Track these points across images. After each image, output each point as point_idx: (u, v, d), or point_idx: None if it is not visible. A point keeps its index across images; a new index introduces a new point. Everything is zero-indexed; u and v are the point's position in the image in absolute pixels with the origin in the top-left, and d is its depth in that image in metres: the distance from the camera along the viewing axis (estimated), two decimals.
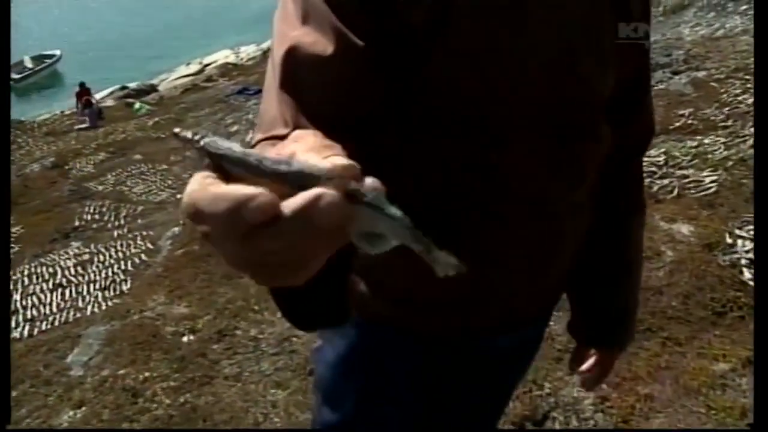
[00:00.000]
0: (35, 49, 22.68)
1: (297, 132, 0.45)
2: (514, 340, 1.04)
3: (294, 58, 0.69)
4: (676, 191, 3.62)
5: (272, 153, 0.39)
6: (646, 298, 2.65)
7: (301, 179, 0.35)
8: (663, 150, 4.14)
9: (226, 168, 0.36)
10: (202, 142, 0.37)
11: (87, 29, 27.84)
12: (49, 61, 21.55)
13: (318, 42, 0.68)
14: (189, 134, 0.38)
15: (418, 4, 0.72)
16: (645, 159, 1.12)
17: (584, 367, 1.20)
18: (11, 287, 4.89)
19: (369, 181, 0.37)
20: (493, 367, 1.07)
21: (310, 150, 0.39)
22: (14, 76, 20.41)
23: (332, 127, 0.65)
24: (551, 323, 1.18)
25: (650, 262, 2.87)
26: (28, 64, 21.22)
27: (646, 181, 3.71)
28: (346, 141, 0.66)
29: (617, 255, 1.11)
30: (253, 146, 0.67)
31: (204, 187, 0.35)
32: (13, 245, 6.03)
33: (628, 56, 0.88)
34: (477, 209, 0.86)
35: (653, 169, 3.89)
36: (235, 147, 0.36)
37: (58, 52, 21.97)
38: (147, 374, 3.06)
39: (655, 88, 5.23)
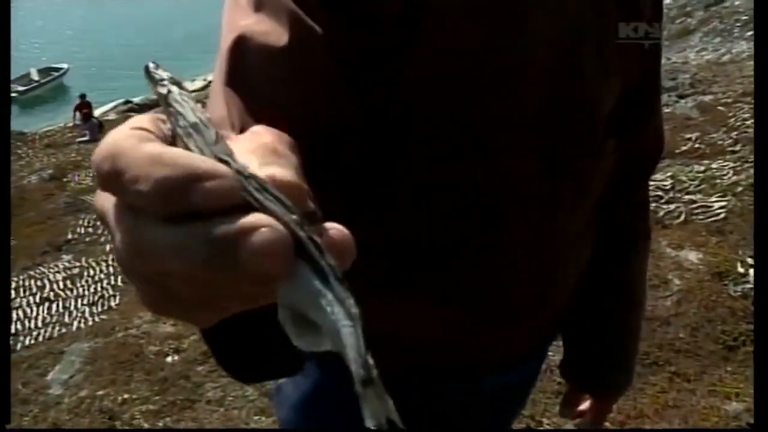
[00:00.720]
0: (44, 62, 22.85)
1: (257, 127, 0.33)
2: (504, 381, 0.92)
3: (242, 50, 0.57)
4: (683, 216, 3.50)
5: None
6: (652, 329, 2.52)
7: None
8: (669, 174, 4.02)
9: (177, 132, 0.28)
10: (165, 90, 0.29)
11: (94, 45, 28.09)
12: (55, 74, 21.63)
13: (272, 31, 0.57)
14: (163, 74, 0.31)
15: None
16: (651, 183, 1.00)
17: (578, 411, 1.07)
18: None
19: (335, 232, 0.26)
20: (479, 411, 0.94)
21: (252, 152, 0.29)
22: (19, 88, 20.52)
23: (283, 128, 0.58)
24: (550, 354, 1.05)
25: (656, 291, 2.74)
26: (35, 76, 21.30)
27: (652, 205, 3.60)
28: (305, 152, 0.53)
29: (617, 288, 0.98)
30: None
31: (138, 141, 0.26)
32: None
33: (633, 60, 0.77)
34: (460, 237, 0.74)
35: (659, 193, 3.77)
36: (198, 113, 0.28)
37: (65, 66, 22.07)
38: (126, 396, 2.92)
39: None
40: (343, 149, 0.61)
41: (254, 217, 0.24)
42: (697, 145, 4.49)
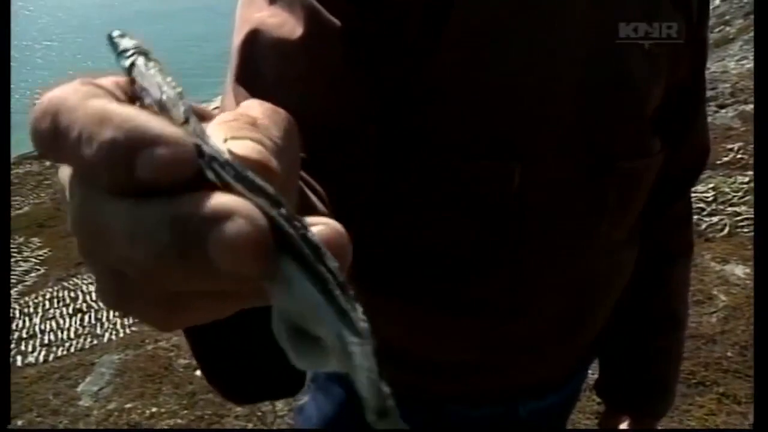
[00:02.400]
0: None
1: (251, 101, 0.27)
2: (540, 407, 0.85)
3: (254, 44, 0.54)
4: (727, 229, 3.37)
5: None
6: (697, 347, 2.40)
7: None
8: (711, 186, 3.89)
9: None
10: (128, 62, 0.25)
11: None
12: None
13: (285, 24, 0.53)
14: (128, 44, 0.26)
15: None
16: (692, 195, 0.93)
17: None
18: (32, 310, 4.83)
19: (326, 228, 0.21)
20: None
21: (224, 124, 0.23)
22: None
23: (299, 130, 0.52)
24: (590, 372, 0.98)
25: (701, 307, 2.62)
26: None
27: (695, 218, 3.48)
28: (319, 153, 0.46)
29: (657, 305, 0.91)
30: None
31: (85, 96, 0.21)
32: (38, 267, 6.01)
33: (680, 57, 0.71)
34: (491, 251, 0.68)
35: (701, 205, 3.64)
36: (165, 87, 0.23)
37: None
38: (154, 409, 2.89)
39: None
40: (356, 146, 0.56)
41: (230, 200, 0.19)
42: (739, 156, 4.35)
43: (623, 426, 0.99)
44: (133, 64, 0.24)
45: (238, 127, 0.23)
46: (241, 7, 0.58)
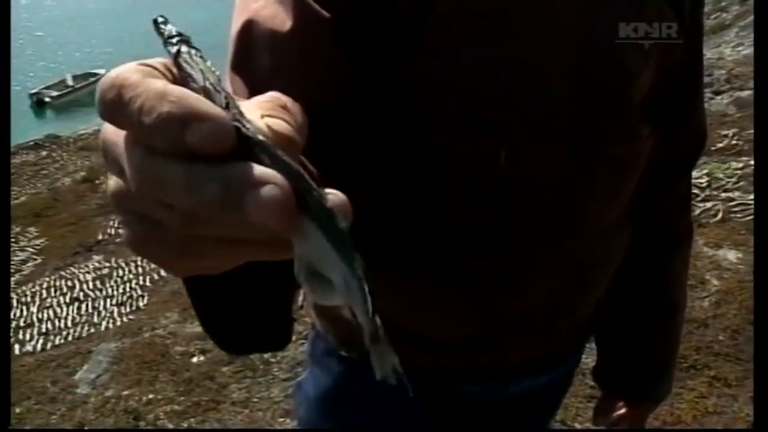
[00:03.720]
0: (83, 68, 23.40)
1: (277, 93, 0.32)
2: (532, 387, 0.86)
3: (249, 34, 0.56)
4: (720, 215, 3.38)
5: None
6: (689, 331, 2.42)
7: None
8: (705, 171, 3.90)
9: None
10: (174, 49, 0.28)
11: (135, 50, 28.69)
12: (92, 79, 22.06)
13: (277, 15, 0.55)
14: (172, 30, 0.29)
15: None
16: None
17: (613, 418, 1.00)
18: (29, 299, 4.84)
19: (334, 197, 0.26)
20: (506, 414, 0.88)
21: (259, 104, 0.28)
22: (53, 93, 21.09)
23: None
24: (583, 357, 0.99)
25: (694, 291, 2.64)
26: (70, 82, 21.74)
27: None
28: (312, 138, 0.49)
29: (656, 290, 0.91)
30: None
31: (144, 76, 0.26)
32: (36, 257, 6.02)
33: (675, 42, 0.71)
34: (476, 221, 0.68)
35: (695, 191, 3.65)
36: (207, 75, 0.27)
37: (103, 72, 22.48)
38: (151, 396, 2.91)
39: None
40: (345, 130, 0.58)
41: (267, 171, 0.24)
42: (734, 142, 4.35)
43: (619, 411, 1.00)
44: (179, 51, 0.28)
45: (272, 107, 0.28)
46: None
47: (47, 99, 21.35)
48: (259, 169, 0.24)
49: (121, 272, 5.09)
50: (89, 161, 10.95)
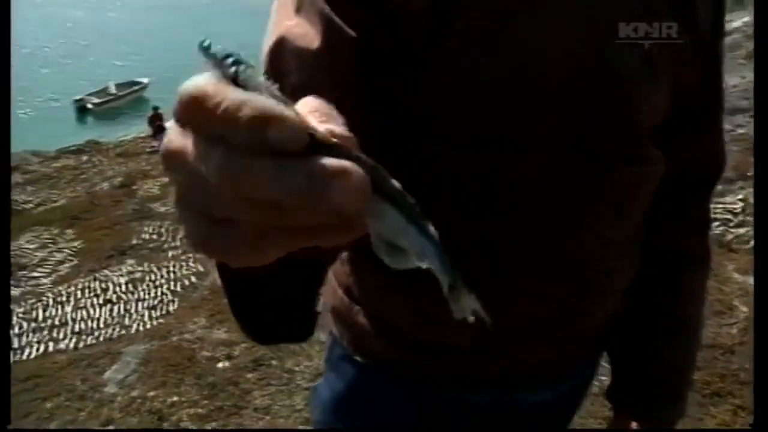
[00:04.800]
0: (126, 76, 24.00)
1: (310, 98, 0.35)
2: (541, 398, 0.87)
3: (279, 51, 0.60)
4: (752, 241, 3.32)
5: None
6: (714, 357, 2.39)
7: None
8: (740, 197, 3.84)
9: None
10: (233, 70, 0.30)
11: (176, 60, 29.33)
12: (135, 87, 22.58)
13: (306, 34, 0.59)
14: (223, 52, 0.31)
15: None
16: (720, 205, 0.92)
17: None
18: (65, 299, 4.96)
19: (397, 182, 0.31)
20: (514, 428, 0.89)
21: (310, 111, 0.32)
22: (95, 100, 21.69)
23: None
24: (602, 378, 0.99)
25: (722, 318, 2.60)
26: (112, 90, 22.29)
27: (720, 229, 3.43)
28: None
29: (667, 312, 0.91)
30: None
31: (223, 87, 0.29)
32: (72, 258, 6.17)
33: (686, 64, 0.72)
34: (477, 232, 0.71)
35: (728, 216, 3.60)
36: (271, 91, 0.30)
37: (145, 81, 23.00)
38: (176, 398, 2.97)
39: (734, 132, 4.93)
40: (364, 147, 0.62)
41: (345, 163, 0.28)
42: None
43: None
44: (237, 72, 0.30)
45: (326, 113, 0.32)
46: (274, 12, 0.64)
47: (89, 105, 21.93)
48: (336, 161, 0.28)
49: (153, 276, 5.19)
50: (127, 167, 11.19)
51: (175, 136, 0.30)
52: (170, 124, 0.31)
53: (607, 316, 0.84)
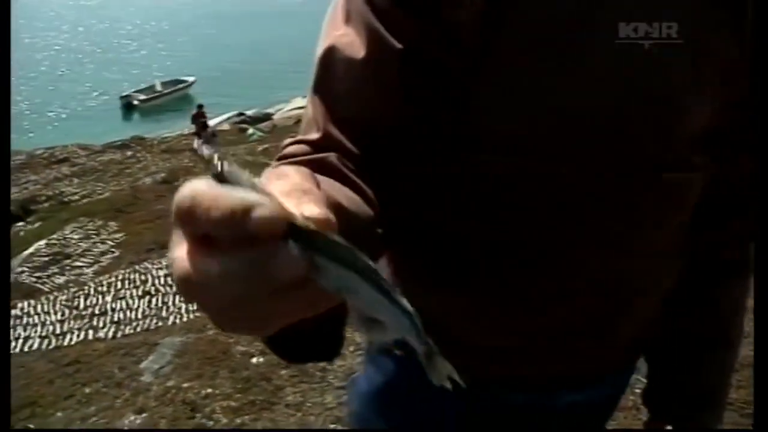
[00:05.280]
0: (172, 74, 24.58)
1: (282, 168, 0.39)
2: (577, 399, 0.87)
3: (329, 59, 0.63)
4: None
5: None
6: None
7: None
8: None
9: None
10: (219, 169, 0.34)
11: (221, 60, 29.81)
12: (180, 86, 23.05)
13: (353, 43, 0.62)
14: (213, 158, 0.35)
15: (468, 2, 0.61)
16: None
17: None
18: (105, 289, 5.08)
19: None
20: (548, 427, 0.90)
21: (287, 194, 0.35)
22: (141, 97, 22.21)
23: (360, 139, 0.62)
24: (637, 390, 0.99)
25: None
26: (158, 87, 22.78)
27: None
28: (375, 155, 0.60)
29: (705, 322, 0.91)
30: (285, 146, 0.64)
31: (209, 186, 0.32)
32: (113, 250, 6.31)
33: (735, 77, 0.71)
34: (527, 247, 0.72)
35: None
36: (250, 184, 0.33)
37: (191, 79, 23.47)
38: (210, 390, 3.02)
39: None
40: (405, 148, 0.65)
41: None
42: None
43: None
44: (226, 173, 0.33)
45: (299, 196, 0.34)
46: (325, 22, 0.67)
47: (135, 102, 22.44)
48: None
49: None
50: (170, 163, 11.41)
51: (176, 256, 0.33)
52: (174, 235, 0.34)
53: (645, 324, 0.85)
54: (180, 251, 0.33)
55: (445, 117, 0.66)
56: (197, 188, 0.32)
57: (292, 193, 0.35)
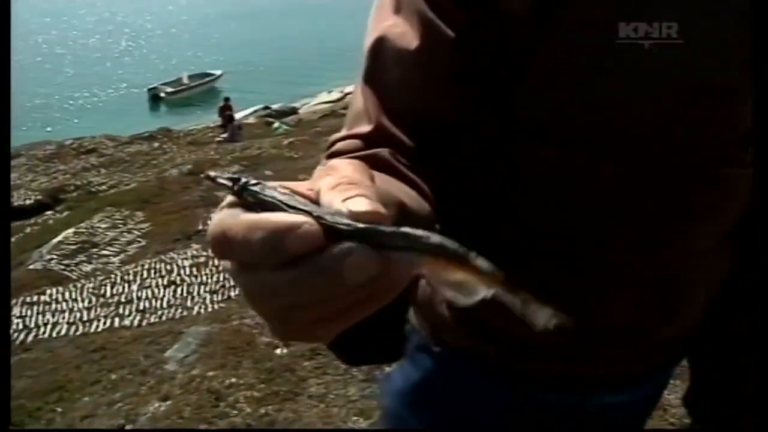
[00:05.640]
0: (200, 68, 24.86)
1: (333, 162, 0.40)
2: (612, 400, 0.86)
3: (379, 50, 0.63)
4: None
5: (304, 188, 0.36)
6: None
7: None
8: None
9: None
10: (238, 187, 0.35)
11: (248, 54, 30.02)
12: (207, 79, 23.25)
13: (405, 34, 0.61)
14: (226, 180, 0.36)
15: None
16: None
17: None
18: (131, 278, 5.14)
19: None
20: (585, 427, 0.88)
21: (332, 188, 0.35)
22: (168, 89, 22.45)
23: (413, 129, 0.61)
24: (666, 393, 0.97)
25: None
26: (185, 80, 22.99)
27: None
28: (428, 148, 0.60)
29: (748, 320, 0.88)
30: (333, 142, 0.65)
31: (236, 215, 0.33)
32: (140, 240, 6.38)
33: None
34: (574, 241, 0.70)
35: None
36: (274, 193, 0.34)
37: (218, 72, 23.66)
38: (234, 380, 3.03)
39: None
40: (457, 138, 0.65)
41: (345, 246, 0.31)
42: None
43: None
44: (246, 188, 0.34)
45: (345, 189, 0.34)
46: (373, 13, 0.66)
47: (162, 94, 22.67)
48: (339, 250, 0.31)
49: (216, 262, 5.29)
50: (196, 155, 11.50)
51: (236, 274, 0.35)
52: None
53: (691, 324, 0.82)
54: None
55: (493, 108, 0.65)
56: (227, 223, 0.33)
57: (337, 185, 0.35)
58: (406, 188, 0.55)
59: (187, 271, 5.19)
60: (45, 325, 4.29)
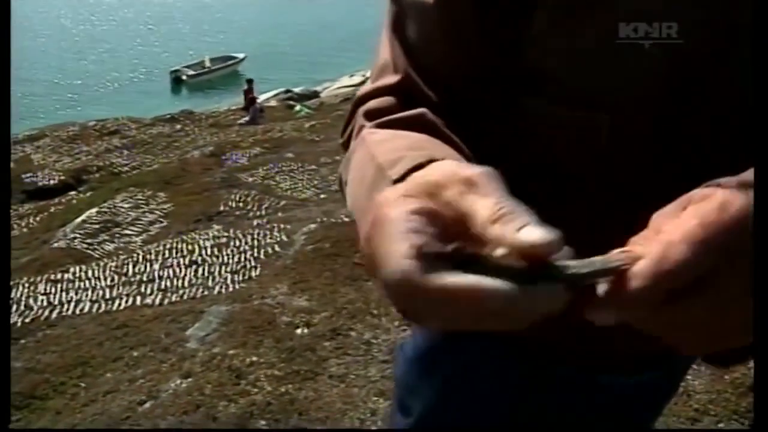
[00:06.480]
0: (222, 51, 24.91)
1: (435, 165, 0.46)
2: (625, 382, 0.84)
3: (400, 5, 0.65)
4: None
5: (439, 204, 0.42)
6: None
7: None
8: None
9: None
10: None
11: (271, 37, 30.06)
12: (230, 62, 23.29)
13: None
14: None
15: None
16: None
17: None
18: (153, 258, 5.17)
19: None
20: (599, 408, 0.87)
21: (492, 222, 0.40)
22: (190, 72, 22.54)
23: (436, 81, 0.62)
24: (689, 377, 0.93)
25: None
26: (207, 63, 23.06)
27: None
28: (453, 98, 0.62)
29: None
30: (362, 98, 0.67)
31: (423, 271, 0.37)
32: (162, 220, 6.43)
33: None
34: (571, 201, 0.68)
35: None
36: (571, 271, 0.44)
37: (241, 55, 23.68)
38: (255, 358, 3.03)
39: None
40: (481, 92, 0.66)
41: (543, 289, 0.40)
42: None
43: None
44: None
45: (509, 220, 0.40)
46: None
47: (184, 77, 22.74)
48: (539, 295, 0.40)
49: (237, 243, 5.33)
50: (217, 137, 11.57)
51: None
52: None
53: None
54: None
55: (514, 58, 0.64)
56: (409, 279, 0.36)
57: (498, 218, 0.40)
58: (452, 151, 0.55)
59: (209, 251, 5.20)
60: (68, 302, 4.33)
